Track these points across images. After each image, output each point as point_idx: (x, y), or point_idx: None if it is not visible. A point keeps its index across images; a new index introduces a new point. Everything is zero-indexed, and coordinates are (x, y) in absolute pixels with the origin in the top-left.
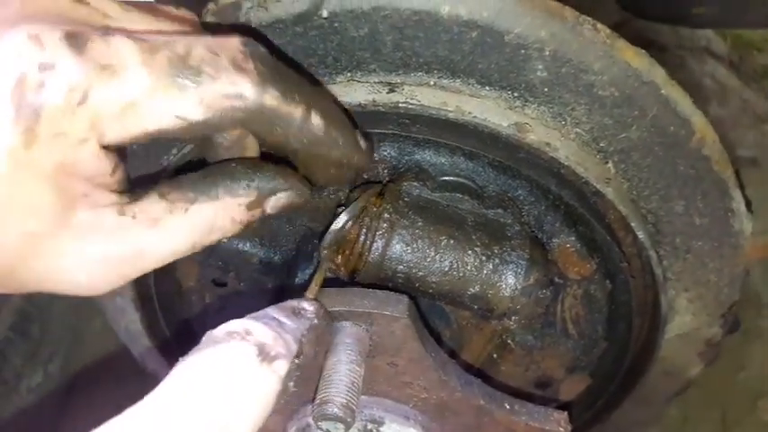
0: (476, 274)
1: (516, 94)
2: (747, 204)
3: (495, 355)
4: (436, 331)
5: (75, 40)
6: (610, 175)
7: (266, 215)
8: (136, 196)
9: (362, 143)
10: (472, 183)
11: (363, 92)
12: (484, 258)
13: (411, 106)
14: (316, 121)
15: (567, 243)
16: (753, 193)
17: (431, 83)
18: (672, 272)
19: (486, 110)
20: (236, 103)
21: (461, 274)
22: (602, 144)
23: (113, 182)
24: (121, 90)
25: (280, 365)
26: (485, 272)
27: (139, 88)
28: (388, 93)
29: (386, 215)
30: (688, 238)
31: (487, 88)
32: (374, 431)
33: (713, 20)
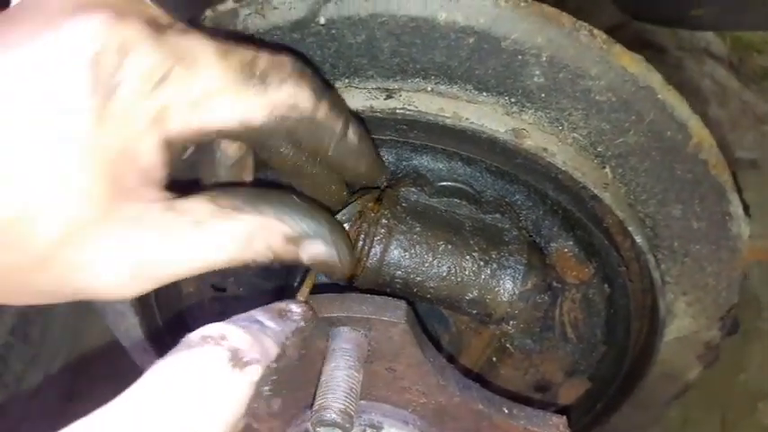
0: (474, 279)
1: (513, 99)
2: (745, 208)
3: (494, 359)
4: (435, 335)
5: (156, 27)
6: (607, 180)
7: (300, 261)
8: (184, 195)
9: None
10: (470, 188)
11: (361, 98)
12: (482, 263)
13: (408, 112)
14: (351, 133)
15: (565, 247)
16: (752, 196)
17: (428, 89)
18: (670, 275)
19: (484, 115)
20: (293, 113)
21: (459, 279)
22: (599, 149)
23: (162, 178)
24: (195, 83)
25: (253, 370)
26: (482, 277)
27: (212, 84)
28: (385, 99)
29: (384, 221)
30: (686, 241)
31: (485, 94)
32: None
33: (712, 22)
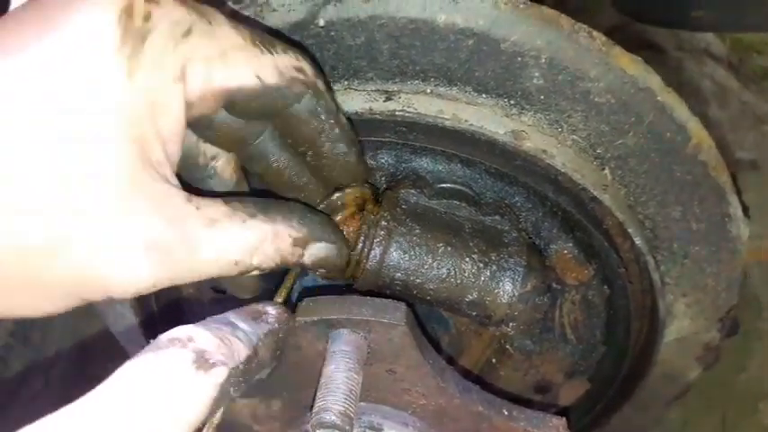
0: (473, 281)
1: (513, 101)
2: (744, 209)
3: (493, 361)
4: (435, 336)
5: None
6: (607, 182)
7: (302, 264)
8: (200, 195)
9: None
10: (469, 190)
11: (360, 100)
12: (481, 265)
13: (408, 114)
14: (343, 119)
15: (565, 249)
16: (752, 196)
17: (427, 91)
18: (670, 277)
19: (483, 117)
20: (300, 75)
21: (459, 281)
22: (598, 151)
23: (176, 164)
24: (214, 39)
25: (218, 372)
26: (482, 279)
27: (228, 42)
28: (385, 101)
29: (383, 223)
30: (685, 243)
31: (484, 96)
32: None
33: (712, 23)
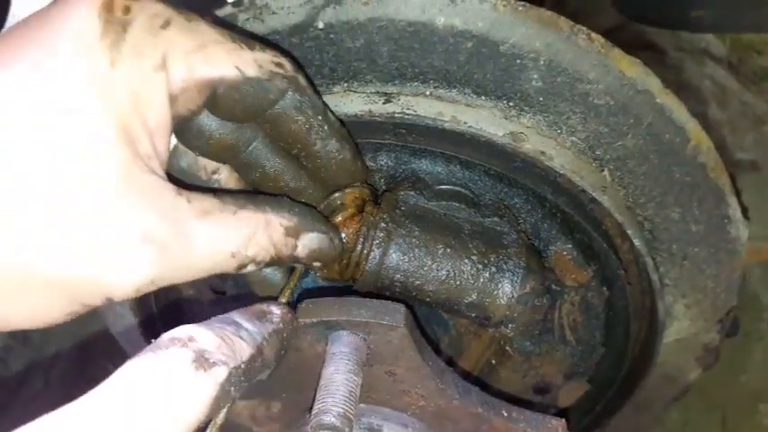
0: (472, 282)
1: (512, 103)
2: (743, 211)
3: (493, 362)
4: (435, 338)
5: None
6: (606, 183)
7: (297, 256)
8: (189, 188)
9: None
10: (469, 191)
11: (360, 102)
12: (480, 267)
13: (407, 116)
14: (331, 116)
15: (564, 250)
16: (752, 197)
17: (427, 93)
18: (669, 278)
19: (482, 119)
20: (280, 70)
21: (458, 282)
22: (597, 152)
23: (165, 162)
24: (193, 33)
25: (218, 372)
26: (481, 280)
27: (207, 36)
28: (384, 103)
29: (383, 224)
30: (685, 244)
31: (483, 98)
32: None
33: (712, 24)
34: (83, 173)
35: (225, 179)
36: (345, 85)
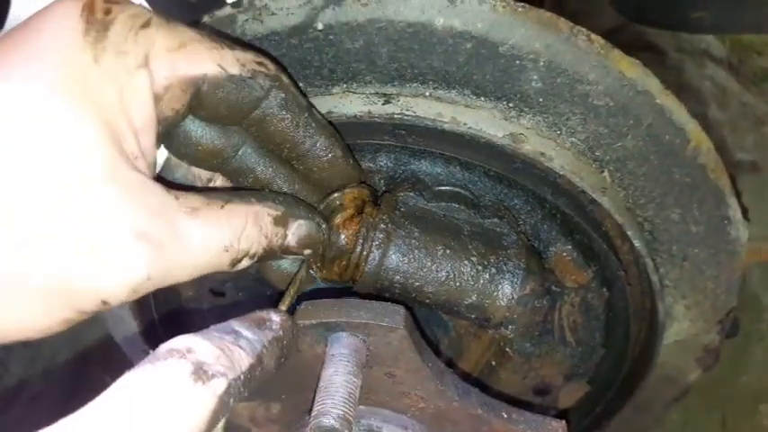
0: (472, 283)
1: (511, 104)
2: (744, 211)
3: (493, 363)
4: (435, 339)
5: None
6: (606, 184)
7: (288, 246)
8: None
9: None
10: (468, 192)
11: (359, 103)
12: (480, 268)
13: (406, 117)
14: (317, 114)
15: (564, 252)
16: (752, 198)
17: (426, 94)
18: (669, 279)
19: (482, 120)
20: (263, 69)
21: (458, 283)
22: (597, 153)
23: (154, 163)
24: (174, 32)
25: (217, 384)
26: (481, 281)
27: (188, 36)
28: (383, 104)
29: (382, 225)
30: (685, 245)
31: (483, 99)
32: None
33: (712, 25)
34: (68, 171)
35: (221, 187)
36: (345, 86)
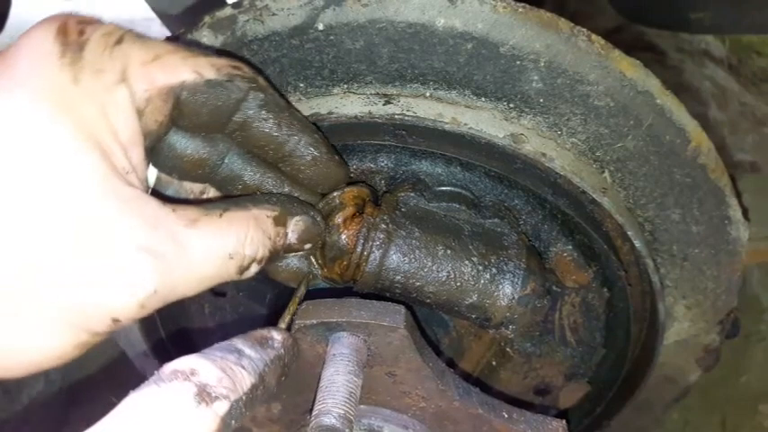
0: (473, 283)
1: (512, 104)
2: (744, 212)
3: (494, 363)
4: (435, 339)
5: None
6: (606, 185)
7: (290, 244)
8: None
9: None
10: (469, 193)
11: (360, 103)
12: (481, 268)
13: (407, 118)
14: (298, 114)
15: (565, 252)
16: (752, 198)
17: (427, 94)
18: (669, 279)
19: (482, 121)
20: (238, 71)
21: (458, 283)
22: (598, 154)
23: (145, 179)
24: (147, 46)
25: (220, 406)
26: (482, 281)
27: (160, 48)
28: (384, 104)
29: (383, 225)
30: (685, 245)
31: (483, 99)
32: None
33: (712, 25)
34: (63, 191)
35: (214, 198)
36: (345, 87)
